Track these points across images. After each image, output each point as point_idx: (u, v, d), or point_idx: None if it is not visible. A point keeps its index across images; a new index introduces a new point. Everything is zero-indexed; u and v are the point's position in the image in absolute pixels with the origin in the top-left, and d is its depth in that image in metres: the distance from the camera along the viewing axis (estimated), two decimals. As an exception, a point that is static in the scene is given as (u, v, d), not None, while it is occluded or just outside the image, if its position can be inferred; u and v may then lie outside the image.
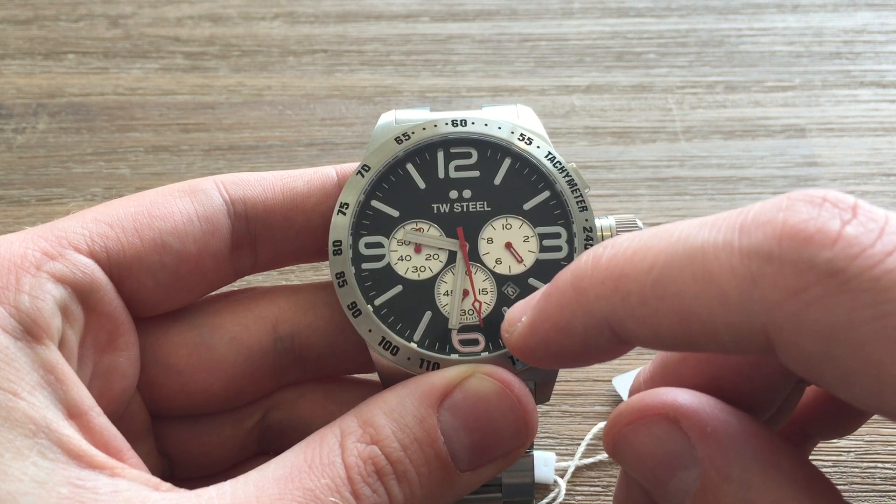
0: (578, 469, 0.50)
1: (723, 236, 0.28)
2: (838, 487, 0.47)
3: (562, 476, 0.49)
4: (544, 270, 0.37)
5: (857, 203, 0.27)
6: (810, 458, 0.49)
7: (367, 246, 0.38)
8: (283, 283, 0.54)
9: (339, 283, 0.37)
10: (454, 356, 0.36)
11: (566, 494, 0.49)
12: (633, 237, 0.31)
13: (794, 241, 0.26)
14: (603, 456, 0.50)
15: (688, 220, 0.30)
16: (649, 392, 0.33)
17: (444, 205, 0.38)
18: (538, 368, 0.36)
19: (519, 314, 0.34)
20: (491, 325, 0.37)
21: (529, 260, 0.38)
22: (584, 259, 0.31)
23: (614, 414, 0.34)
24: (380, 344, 0.37)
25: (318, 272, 0.58)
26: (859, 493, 0.47)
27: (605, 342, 0.31)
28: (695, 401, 0.32)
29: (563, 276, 0.32)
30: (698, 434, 0.31)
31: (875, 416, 0.44)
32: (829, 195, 0.27)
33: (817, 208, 0.27)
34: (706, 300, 0.28)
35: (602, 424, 0.51)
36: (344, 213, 0.38)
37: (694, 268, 0.28)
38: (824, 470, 0.48)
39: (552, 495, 0.48)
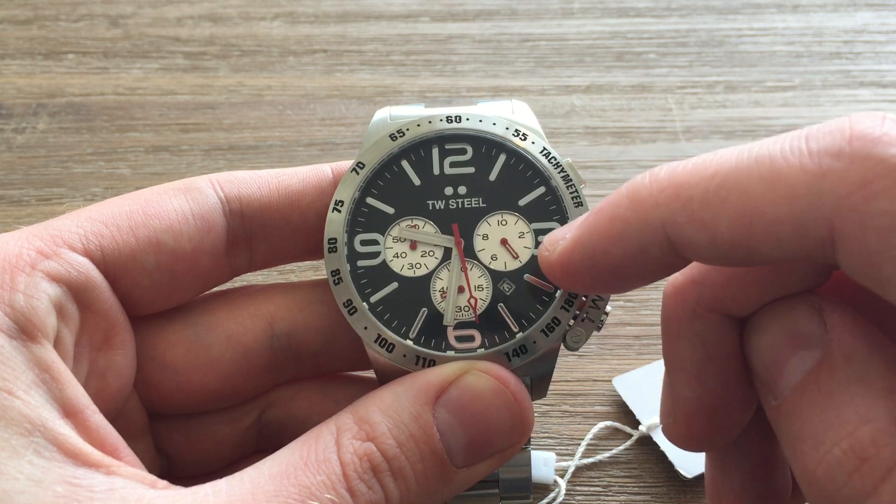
0: (578, 469, 0.49)
1: (789, 144, 0.29)
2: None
3: (562, 476, 0.49)
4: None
5: None
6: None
7: (363, 243, 0.38)
8: (283, 281, 0.53)
9: (334, 280, 0.37)
10: (450, 353, 0.36)
11: (566, 494, 0.49)
12: (687, 160, 0.31)
13: (862, 140, 0.28)
14: (603, 456, 0.49)
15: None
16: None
17: (440, 201, 0.38)
18: (534, 364, 0.36)
19: (562, 233, 0.34)
20: (487, 322, 0.37)
21: (525, 256, 0.37)
22: (640, 176, 0.32)
23: None
24: (375, 341, 0.36)
25: (318, 272, 0.58)
26: (860, 493, 0.47)
27: (659, 253, 0.31)
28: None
29: (617, 192, 0.32)
30: (836, 320, 0.32)
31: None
32: (888, 115, 0.29)
33: (880, 121, 0.28)
34: (773, 197, 0.29)
35: (602, 424, 0.50)
36: (339, 211, 0.38)
37: (761, 170, 0.29)
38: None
39: (552, 495, 0.48)
